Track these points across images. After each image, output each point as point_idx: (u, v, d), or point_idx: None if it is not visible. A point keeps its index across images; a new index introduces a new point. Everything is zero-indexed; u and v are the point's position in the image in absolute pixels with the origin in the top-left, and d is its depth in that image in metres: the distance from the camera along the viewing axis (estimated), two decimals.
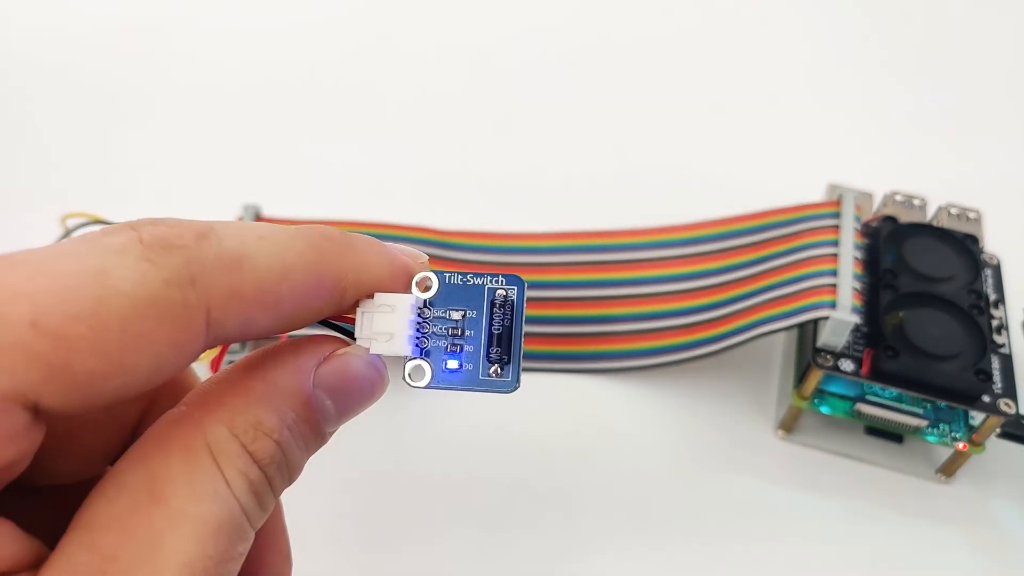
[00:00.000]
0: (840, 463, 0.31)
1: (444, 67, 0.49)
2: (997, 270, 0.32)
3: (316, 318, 0.15)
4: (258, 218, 0.34)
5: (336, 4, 0.52)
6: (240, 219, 0.34)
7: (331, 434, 0.16)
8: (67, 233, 0.32)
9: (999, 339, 0.30)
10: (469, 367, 0.16)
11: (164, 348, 0.12)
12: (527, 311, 0.16)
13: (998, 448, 0.30)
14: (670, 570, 0.28)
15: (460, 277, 0.16)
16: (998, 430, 0.28)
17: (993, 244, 0.33)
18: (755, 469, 0.31)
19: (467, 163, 0.43)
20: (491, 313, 0.16)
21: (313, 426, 0.15)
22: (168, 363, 0.13)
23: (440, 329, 0.16)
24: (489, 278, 0.16)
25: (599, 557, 0.28)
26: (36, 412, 0.12)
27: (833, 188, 0.33)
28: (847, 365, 0.29)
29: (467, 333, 0.16)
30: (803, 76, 0.49)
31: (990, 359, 0.29)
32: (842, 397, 0.30)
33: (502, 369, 0.16)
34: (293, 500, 0.18)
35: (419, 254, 0.16)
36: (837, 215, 0.31)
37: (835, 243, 0.30)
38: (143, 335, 0.12)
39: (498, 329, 0.16)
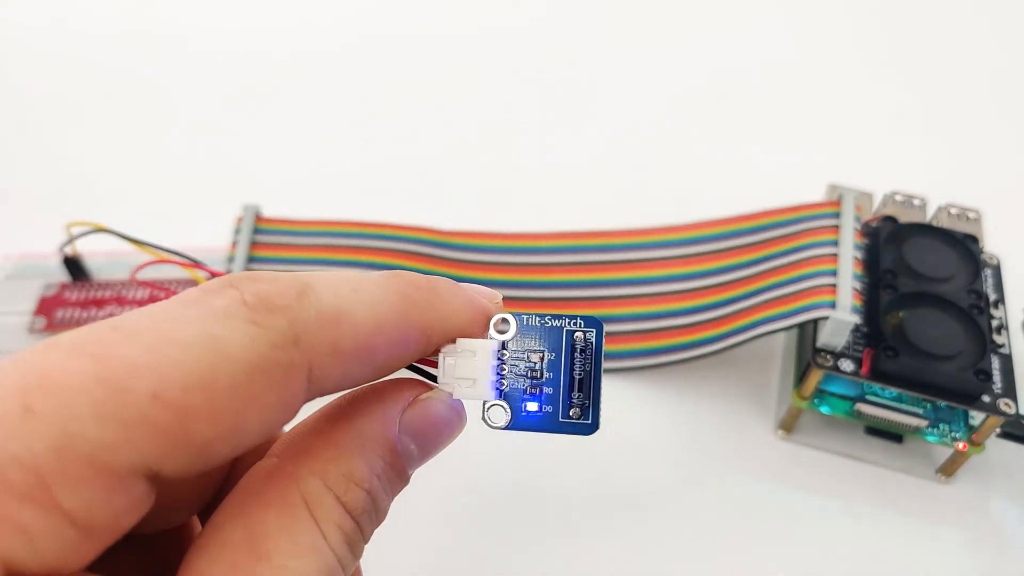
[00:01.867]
0: (840, 463, 0.31)
1: (444, 67, 0.49)
2: (997, 270, 0.32)
3: (404, 365, 0.15)
4: (258, 218, 0.34)
5: (337, 5, 0.52)
6: (240, 220, 0.34)
7: (411, 475, 0.16)
8: (71, 239, 0.32)
9: (999, 339, 0.30)
10: (548, 409, 0.16)
11: (272, 409, 0.13)
12: (528, 312, 0.16)
13: (998, 448, 0.30)
14: (669, 569, 0.28)
15: (538, 319, 0.16)
16: (998, 430, 0.28)
17: (993, 244, 0.33)
18: (755, 469, 0.31)
19: (467, 163, 0.43)
20: (572, 356, 0.16)
21: (399, 471, 0.15)
22: (275, 422, 0.13)
23: (519, 371, 0.16)
24: (568, 320, 0.16)
25: (599, 556, 0.28)
26: (154, 480, 0.12)
27: (833, 188, 0.33)
28: (847, 365, 0.29)
29: (546, 376, 0.16)
30: (803, 76, 0.49)
31: (990, 359, 0.29)
32: (842, 397, 0.30)
33: (582, 412, 0.16)
34: None
35: (494, 294, 0.17)
36: (837, 215, 0.31)
37: (835, 243, 0.30)
38: (253, 399, 0.12)
39: (580, 374, 0.16)
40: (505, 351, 0.16)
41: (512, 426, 0.16)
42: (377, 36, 0.50)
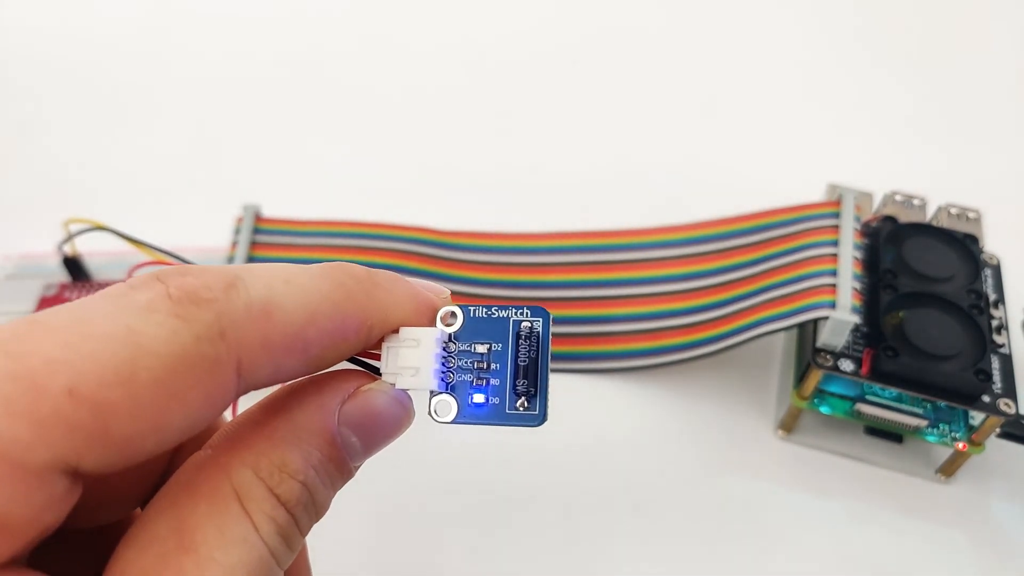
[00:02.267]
0: (840, 463, 0.31)
1: (444, 67, 0.49)
2: (997, 270, 0.32)
3: (344, 358, 0.15)
4: (258, 218, 0.34)
5: (337, 4, 0.52)
6: (240, 220, 0.34)
7: (357, 468, 0.15)
8: (69, 237, 0.32)
9: (999, 339, 0.30)
10: (495, 400, 0.16)
11: (197, 404, 0.12)
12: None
13: (998, 448, 0.30)
14: (669, 569, 0.28)
15: (485, 310, 0.16)
16: (998, 430, 0.28)
17: (993, 244, 0.33)
18: (755, 469, 0.31)
19: (467, 163, 0.43)
20: (517, 345, 0.16)
21: (339, 464, 0.15)
22: (201, 417, 0.13)
23: (466, 363, 0.16)
24: (514, 311, 0.16)
25: (598, 556, 0.28)
26: (75, 476, 0.12)
27: (833, 188, 0.33)
28: (847, 365, 0.29)
29: (493, 366, 0.16)
30: (803, 76, 0.49)
31: (990, 359, 0.29)
32: (842, 397, 0.30)
33: (529, 402, 0.16)
34: None
35: (442, 289, 0.16)
36: (837, 215, 0.31)
37: (835, 243, 0.30)
38: (177, 394, 0.12)
39: (524, 361, 0.16)
40: (453, 344, 0.16)
41: (458, 419, 0.16)
42: (376, 36, 0.50)
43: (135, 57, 0.49)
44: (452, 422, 0.16)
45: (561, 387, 0.33)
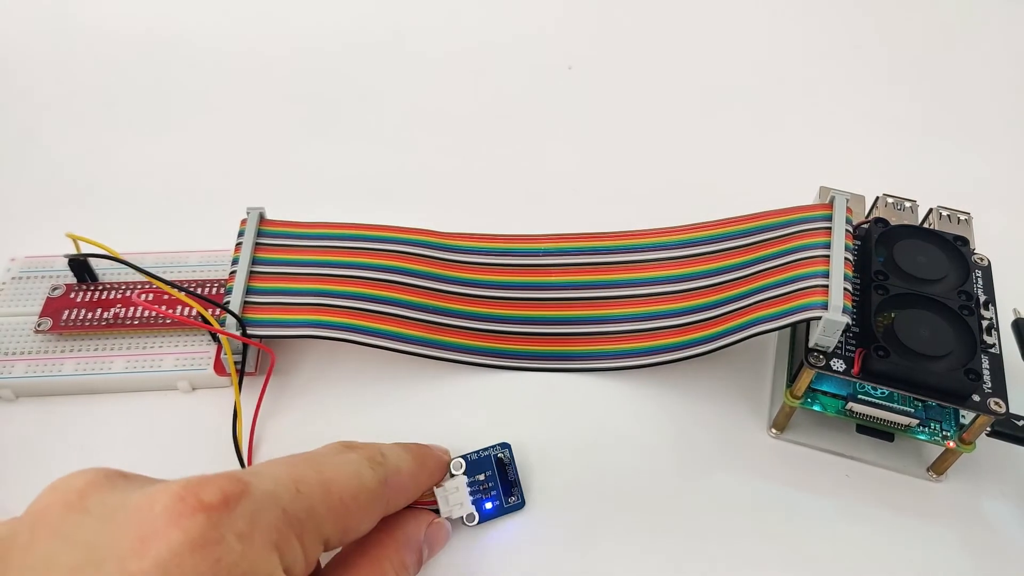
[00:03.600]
0: (832, 461, 0.32)
1: (445, 69, 0.49)
2: (987, 271, 0.33)
3: (413, 500, 0.27)
4: (262, 220, 0.35)
5: (339, 6, 0.53)
6: (244, 223, 0.35)
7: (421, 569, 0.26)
8: (79, 255, 0.33)
9: (989, 339, 0.30)
10: (497, 503, 0.29)
11: (374, 517, 0.24)
12: (527, 312, 0.30)
13: (988, 446, 0.30)
14: (663, 568, 0.29)
15: (475, 455, 0.29)
16: (988, 429, 0.29)
17: (983, 245, 0.34)
18: (748, 467, 0.31)
19: (467, 165, 0.44)
20: (501, 468, 0.29)
21: (419, 564, 0.26)
22: (369, 527, 0.24)
23: (475, 488, 0.28)
24: (490, 449, 0.29)
25: (592, 554, 0.29)
26: (325, 547, 0.21)
27: (825, 191, 0.34)
28: (839, 365, 0.29)
29: (490, 485, 0.29)
30: (795, 79, 0.49)
31: (980, 359, 0.29)
32: (834, 396, 0.31)
33: (515, 496, 0.29)
34: None
35: (446, 450, 0.29)
36: (829, 217, 0.32)
37: (827, 245, 0.31)
38: (369, 511, 0.23)
39: (512, 477, 0.29)
40: (465, 477, 0.28)
41: (479, 521, 0.28)
42: (377, 37, 0.51)
43: (141, 61, 0.49)
44: (477, 524, 0.28)
45: (557, 386, 0.33)
